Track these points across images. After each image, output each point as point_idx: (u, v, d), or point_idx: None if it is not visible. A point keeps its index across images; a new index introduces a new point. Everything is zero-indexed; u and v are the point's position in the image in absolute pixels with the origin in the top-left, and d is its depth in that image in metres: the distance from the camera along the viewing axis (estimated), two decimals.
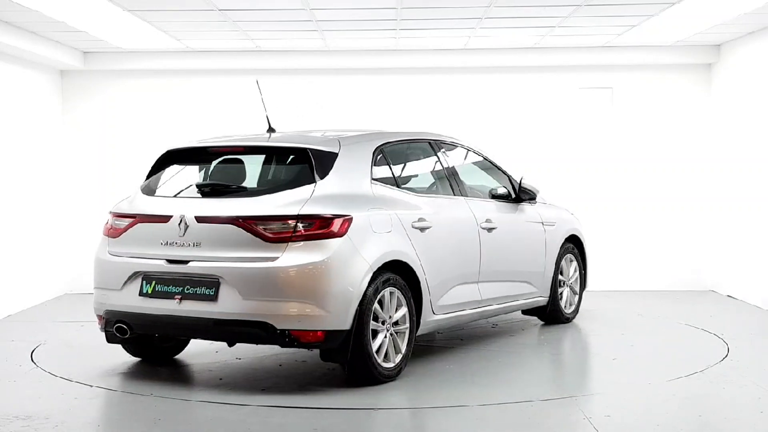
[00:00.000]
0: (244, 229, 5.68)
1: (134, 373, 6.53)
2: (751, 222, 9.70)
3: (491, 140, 10.12)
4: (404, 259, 6.11)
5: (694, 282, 10.82)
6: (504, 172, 7.80)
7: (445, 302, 6.61)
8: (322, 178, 5.91)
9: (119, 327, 6.09)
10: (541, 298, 7.93)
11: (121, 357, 6.94)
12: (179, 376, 6.46)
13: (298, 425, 5.17)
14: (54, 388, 6.08)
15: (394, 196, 6.35)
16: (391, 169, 6.54)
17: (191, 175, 6.44)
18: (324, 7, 8.24)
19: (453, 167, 7.20)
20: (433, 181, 7.12)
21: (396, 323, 6.12)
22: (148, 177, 6.55)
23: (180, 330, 6.07)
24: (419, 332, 6.38)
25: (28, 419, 5.22)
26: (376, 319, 5.91)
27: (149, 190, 6.37)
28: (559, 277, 8.15)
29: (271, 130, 6.92)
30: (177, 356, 7.00)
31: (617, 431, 5.03)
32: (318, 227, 5.66)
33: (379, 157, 6.46)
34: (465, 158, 7.64)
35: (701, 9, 8.35)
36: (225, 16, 8.63)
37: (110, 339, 6.31)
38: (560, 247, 8.10)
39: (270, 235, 5.64)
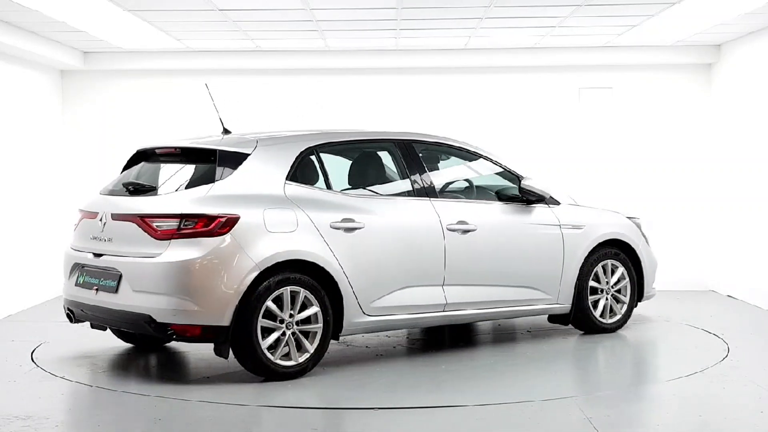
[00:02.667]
0: (140, 226, 6.05)
1: (134, 373, 6.53)
2: (751, 222, 9.70)
3: (491, 140, 10.11)
4: (311, 259, 6.16)
5: (694, 282, 10.82)
6: (513, 174, 7.47)
7: (387, 304, 6.55)
8: (223, 177, 6.15)
9: (67, 313, 6.68)
10: (558, 306, 7.50)
11: (121, 357, 6.95)
12: (179, 375, 6.47)
13: (298, 425, 5.18)
14: (54, 388, 6.09)
15: (314, 196, 6.39)
16: (323, 169, 6.59)
17: (143, 173, 6.75)
18: (324, 7, 8.25)
19: (423, 167, 7.00)
20: (388, 181, 7.03)
21: (308, 322, 6.19)
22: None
23: (98, 318, 6.46)
24: (346, 333, 6.42)
25: (28, 419, 5.22)
26: (272, 317, 6.02)
27: (103, 188, 6.87)
28: (593, 284, 7.66)
29: (226, 131, 7.00)
30: (180, 351, 7.00)
31: (617, 431, 5.03)
32: (201, 226, 5.91)
33: (308, 157, 6.54)
34: (452, 159, 7.50)
35: (701, 9, 8.35)
36: (225, 16, 8.63)
37: (92, 325, 6.75)
38: (590, 252, 7.62)
39: (158, 233, 5.96)
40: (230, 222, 5.93)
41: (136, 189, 6.42)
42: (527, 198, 7.37)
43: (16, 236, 9.53)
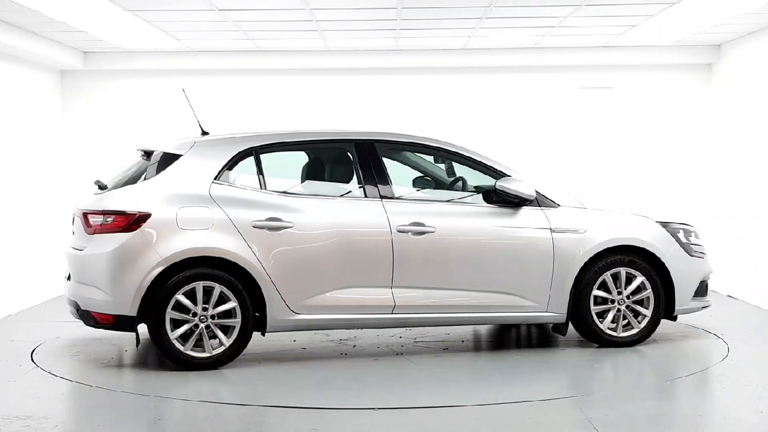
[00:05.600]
0: (81, 221, 6.60)
1: (134, 373, 6.53)
2: (750, 222, 9.71)
3: (491, 140, 10.12)
4: (224, 256, 6.41)
5: None
6: (501, 174, 7.06)
7: (322, 303, 6.59)
8: (152, 177, 6.58)
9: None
10: (549, 314, 6.99)
11: (120, 357, 6.95)
12: (180, 376, 6.46)
13: (298, 425, 5.18)
14: (54, 388, 6.09)
15: (241, 196, 6.59)
16: (260, 170, 6.73)
17: (129, 171, 7.06)
18: (324, 7, 8.25)
19: (381, 168, 6.88)
20: (336, 182, 7.01)
21: (228, 316, 6.45)
22: None
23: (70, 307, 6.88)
24: (271, 329, 6.60)
25: (28, 419, 5.22)
26: (185, 310, 6.38)
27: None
28: (601, 293, 7.04)
29: (204, 133, 7.21)
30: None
31: (617, 431, 5.03)
32: (117, 221, 6.40)
33: (244, 159, 6.74)
34: (426, 159, 7.36)
35: (701, 9, 8.35)
36: (225, 16, 8.63)
37: None
38: (592, 259, 7.02)
39: (89, 228, 6.51)
40: (141, 219, 6.37)
41: (102, 186, 6.87)
42: (505, 199, 6.93)
43: (16, 236, 9.53)
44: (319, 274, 6.59)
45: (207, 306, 6.41)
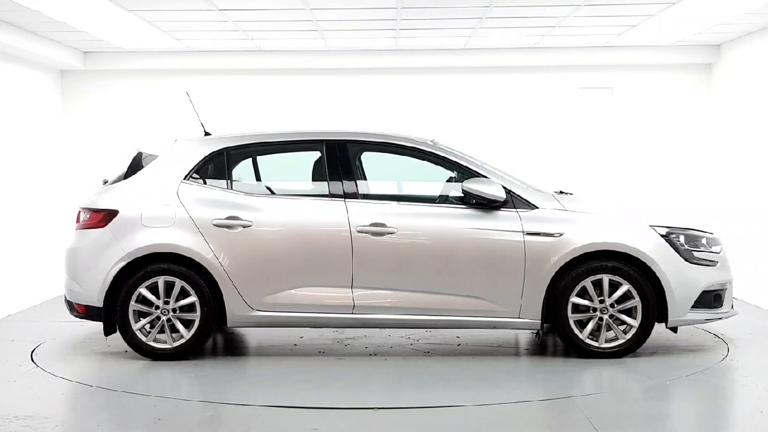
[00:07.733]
0: (76, 217, 7.00)
1: (134, 373, 6.53)
2: (750, 221, 9.71)
3: (491, 140, 10.13)
4: (182, 253, 6.67)
5: None
6: (480, 175, 6.80)
7: (281, 301, 6.70)
8: (130, 176, 6.93)
9: None
10: (522, 320, 6.71)
11: (120, 357, 6.96)
12: (179, 376, 6.47)
13: (298, 425, 5.18)
14: (54, 388, 6.09)
15: (206, 195, 6.82)
16: (229, 170, 6.95)
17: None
18: (324, 7, 8.25)
19: (350, 168, 6.86)
20: (303, 181, 7.20)
21: (190, 310, 6.71)
22: None
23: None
24: (232, 325, 6.80)
25: (28, 419, 5.22)
26: (148, 303, 6.71)
27: None
28: (576, 300, 6.66)
29: (206, 134, 7.38)
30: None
31: (617, 431, 5.03)
32: (92, 218, 6.84)
33: (216, 159, 6.97)
34: (395, 160, 7.23)
35: (701, 9, 8.36)
36: (225, 16, 8.64)
37: None
38: (569, 264, 6.65)
39: (77, 223, 6.94)
40: (109, 216, 6.76)
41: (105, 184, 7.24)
42: (475, 201, 6.71)
43: (15, 236, 9.53)
44: (277, 272, 6.70)
45: (169, 300, 6.69)
